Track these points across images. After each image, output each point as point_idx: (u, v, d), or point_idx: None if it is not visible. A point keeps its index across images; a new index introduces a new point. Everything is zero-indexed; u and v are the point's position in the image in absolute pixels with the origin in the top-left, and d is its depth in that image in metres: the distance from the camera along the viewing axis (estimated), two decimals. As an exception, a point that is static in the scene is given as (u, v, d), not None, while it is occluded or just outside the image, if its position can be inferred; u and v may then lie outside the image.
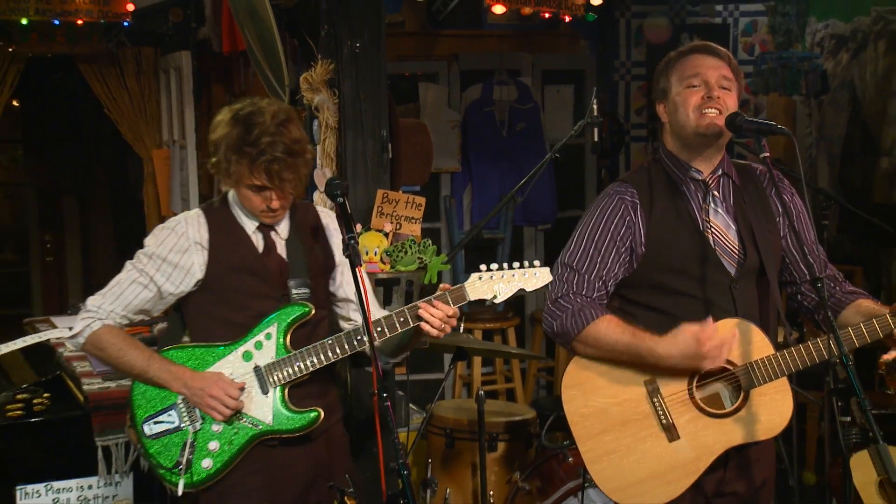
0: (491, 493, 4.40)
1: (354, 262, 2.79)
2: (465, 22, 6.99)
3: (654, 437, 2.84)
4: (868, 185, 6.19)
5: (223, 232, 3.07)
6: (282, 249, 3.10)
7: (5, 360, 4.33)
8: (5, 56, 6.59)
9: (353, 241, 2.81)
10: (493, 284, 2.95)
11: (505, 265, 2.96)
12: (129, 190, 9.16)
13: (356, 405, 4.07)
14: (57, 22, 6.00)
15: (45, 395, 3.71)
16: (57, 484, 3.52)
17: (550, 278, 2.94)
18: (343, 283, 3.22)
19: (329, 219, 3.25)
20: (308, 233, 3.16)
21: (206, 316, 3.09)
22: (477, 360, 6.30)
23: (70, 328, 3.10)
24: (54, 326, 4.77)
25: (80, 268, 10.08)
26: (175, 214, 6.69)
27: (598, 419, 2.87)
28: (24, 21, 5.97)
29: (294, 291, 3.06)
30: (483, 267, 2.95)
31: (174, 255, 3.03)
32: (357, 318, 3.21)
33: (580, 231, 2.92)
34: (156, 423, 3.03)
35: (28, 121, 9.70)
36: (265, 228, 3.09)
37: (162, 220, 7.03)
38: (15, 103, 8.19)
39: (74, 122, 9.42)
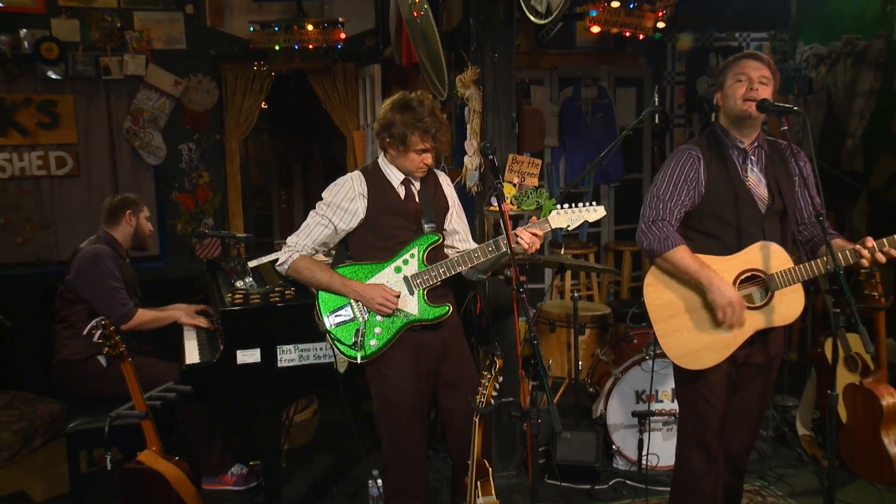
0: (580, 363, 4.38)
1: (500, 199, 2.74)
2: (561, 44, 6.80)
3: (706, 320, 2.75)
4: (837, 158, 5.94)
5: (377, 185, 3.03)
6: (416, 197, 3.06)
7: (262, 268, 4.45)
8: (262, 73, 6.69)
9: (499, 185, 2.77)
10: (566, 216, 2.91)
11: (575, 204, 2.91)
12: (335, 159, 9.27)
13: (493, 301, 4.05)
14: (297, 47, 6.06)
15: (292, 288, 3.78)
16: (300, 345, 3.60)
17: (605, 213, 2.88)
18: (451, 221, 3.17)
19: (443, 178, 3.19)
20: (432, 187, 3.12)
21: (366, 243, 3.06)
22: (567, 275, 6.23)
23: (277, 258, 3.14)
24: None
25: (303, 212, 10.26)
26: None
27: (668, 307, 2.80)
28: (276, 47, 6.05)
29: (426, 226, 3.03)
30: (559, 206, 2.92)
31: (345, 202, 3.01)
32: (459, 245, 3.17)
33: (664, 174, 2.82)
34: (336, 315, 3.03)
35: (271, 115, 9.87)
36: (406, 182, 3.05)
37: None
38: (263, 105, 8.32)
39: (300, 115, 9.56)
